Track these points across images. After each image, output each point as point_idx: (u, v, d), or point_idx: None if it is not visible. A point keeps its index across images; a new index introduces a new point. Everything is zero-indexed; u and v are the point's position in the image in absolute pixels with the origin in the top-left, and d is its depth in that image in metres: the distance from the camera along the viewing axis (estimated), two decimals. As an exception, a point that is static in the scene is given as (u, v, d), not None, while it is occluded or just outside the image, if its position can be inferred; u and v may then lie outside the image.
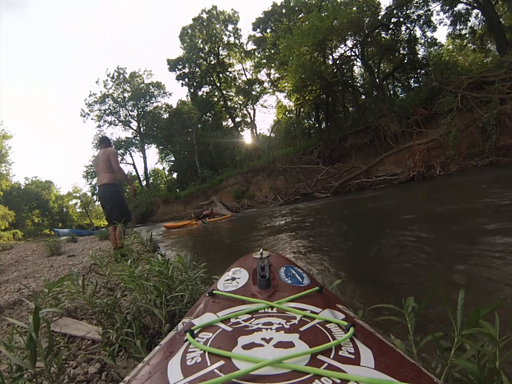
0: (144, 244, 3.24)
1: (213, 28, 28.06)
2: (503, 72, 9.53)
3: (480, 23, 16.58)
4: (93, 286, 1.30)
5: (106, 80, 32.91)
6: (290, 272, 0.61)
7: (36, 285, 2.47)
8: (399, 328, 1.09)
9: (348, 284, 1.89)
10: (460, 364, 0.48)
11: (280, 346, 0.34)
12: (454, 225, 2.92)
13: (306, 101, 17.95)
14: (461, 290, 0.55)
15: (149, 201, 26.42)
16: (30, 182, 44.35)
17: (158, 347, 0.41)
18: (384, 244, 2.79)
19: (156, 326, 1.16)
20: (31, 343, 0.67)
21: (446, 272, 1.83)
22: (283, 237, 4.01)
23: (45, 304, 1.36)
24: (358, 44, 15.95)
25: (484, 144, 9.10)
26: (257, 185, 19.08)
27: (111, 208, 3.35)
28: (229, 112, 29.50)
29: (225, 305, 0.48)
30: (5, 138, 28.48)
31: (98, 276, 2.23)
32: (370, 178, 11.98)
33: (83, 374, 0.99)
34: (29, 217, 40.92)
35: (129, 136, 35.02)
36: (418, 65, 16.96)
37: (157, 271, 1.27)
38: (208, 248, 4.78)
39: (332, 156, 15.41)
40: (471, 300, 1.36)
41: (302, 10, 21.37)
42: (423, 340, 0.61)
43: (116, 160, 3.39)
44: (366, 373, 0.29)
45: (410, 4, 15.41)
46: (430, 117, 11.55)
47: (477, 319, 0.48)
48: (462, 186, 6.28)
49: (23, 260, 4.96)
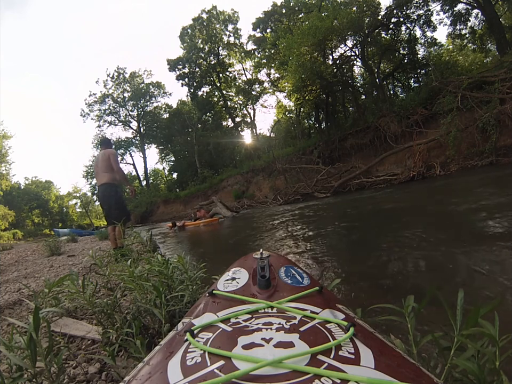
0: (144, 243, 3.24)
1: (213, 28, 28.06)
2: (503, 72, 9.53)
3: (480, 23, 16.59)
4: (93, 286, 1.29)
5: (106, 80, 32.98)
6: (290, 272, 0.61)
7: (35, 285, 2.48)
8: (399, 328, 1.09)
9: (348, 284, 1.89)
10: (460, 363, 0.48)
11: (280, 346, 0.34)
12: (454, 225, 2.92)
13: (306, 101, 17.96)
14: (460, 290, 0.55)
15: (149, 201, 26.46)
16: (30, 182, 44.34)
17: (158, 347, 0.41)
18: (383, 243, 2.79)
19: (156, 326, 1.16)
20: (31, 343, 0.67)
21: (446, 272, 1.83)
22: (283, 237, 4.01)
23: (45, 304, 1.37)
24: (358, 44, 15.95)
25: (484, 144, 9.09)
26: (257, 185, 19.08)
27: (110, 208, 3.37)
28: (229, 112, 29.50)
29: (225, 305, 0.48)
30: (5, 138, 28.51)
31: (98, 276, 2.23)
32: (370, 178, 11.97)
33: (83, 374, 0.99)
34: (29, 217, 40.93)
35: (129, 136, 35.10)
36: (418, 65, 16.96)
37: (157, 271, 1.27)
38: (208, 248, 4.78)
39: (332, 156, 15.41)
40: (470, 300, 1.36)
41: (302, 10, 21.37)
42: (423, 340, 0.61)
43: (116, 160, 3.41)
44: (366, 373, 0.29)
45: (410, 4, 15.41)
46: (430, 117, 11.55)
47: (476, 318, 0.48)
48: (462, 186, 6.28)
49: (23, 260, 4.96)
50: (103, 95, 32.85)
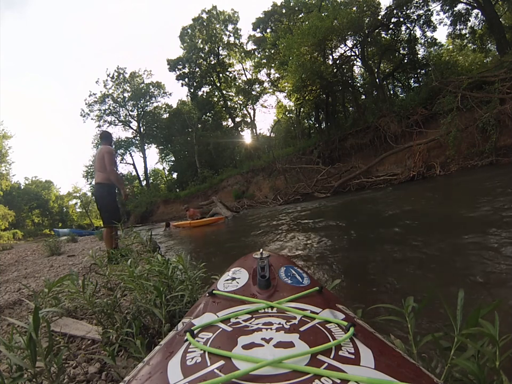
0: (144, 243, 3.24)
1: (213, 28, 28.06)
2: (503, 72, 9.53)
3: (480, 23, 16.60)
4: (93, 286, 1.29)
5: (106, 80, 32.97)
6: (290, 272, 0.61)
7: (35, 285, 2.47)
8: (399, 328, 1.09)
9: (348, 284, 1.89)
10: (460, 363, 0.48)
11: (280, 346, 0.34)
12: (454, 226, 2.92)
13: (306, 101, 17.96)
14: (460, 290, 0.55)
15: (149, 201, 26.45)
16: (30, 182, 44.34)
17: (158, 347, 0.41)
18: (383, 244, 2.79)
19: (156, 326, 1.16)
20: (31, 343, 0.67)
21: (446, 272, 1.83)
22: (283, 237, 4.01)
23: (45, 304, 1.37)
24: (358, 44, 15.96)
25: (484, 144, 9.09)
26: (257, 185, 19.08)
27: (101, 209, 3.31)
28: (229, 112, 29.50)
29: (225, 305, 0.48)
30: (5, 138, 28.52)
31: (98, 276, 2.23)
32: (370, 178, 11.97)
33: (83, 374, 0.99)
34: (29, 217, 40.94)
35: (129, 136, 35.08)
36: (418, 65, 16.97)
37: (157, 271, 1.27)
38: (208, 248, 4.78)
39: (332, 156, 15.42)
40: (470, 300, 1.36)
41: (302, 10, 21.37)
42: (423, 340, 0.60)
43: (110, 160, 3.22)
44: (366, 373, 0.29)
45: (410, 4, 15.41)
46: (430, 117, 11.55)
47: (476, 318, 0.48)
48: (461, 186, 6.28)
49: (23, 260, 4.96)
50: (103, 95, 32.86)
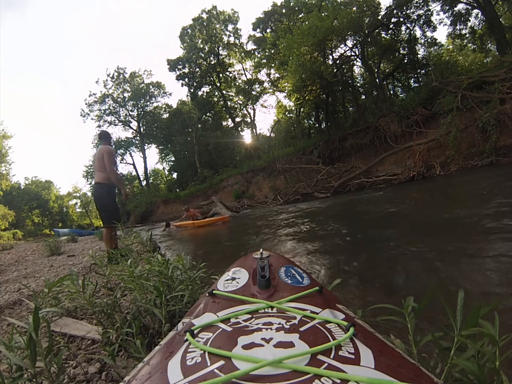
0: (144, 243, 3.24)
1: (213, 28, 28.06)
2: (503, 72, 9.53)
3: (480, 23, 16.60)
4: (93, 286, 1.29)
5: (106, 80, 32.95)
6: (290, 272, 0.61)
7: (35, 285, 2.47)
8: (399, 328, 1.09)
9: (348, 284, 1.89)
10: (460, 363, 0.48)
11: (280, 346, 0.34)
12: (454, 226, 2.92)
13: (306, 101, 17.96)
14: (460, 291, 0.55)
15: (149, 201, 26.44)
16: (30, 182, 44.34)
17: (158, 347, 0.41)
18: (383, 244, 2.79)
19: (156, 326, 1.16)
20: (31, 343, 0.67)
21: (446, 272, 1.83)
22: (283, 237, 4.01)
23: (45, 304, 1.37)
24: (358, 44, 15.96)
25: (484, 144, 9.09)
26: (257, 185, 19.08)
27: (101, 209, 3.31)
28: (229, 112, 29.50)
29: (225, 305, 0.48)
30: (5, 138, 28.54)
31: (98, 276, 2.23)
32: (370, 178, 11.97)
33: (83, 374, 0.99)
34: (29, 217, 40.94)
35: (129, 136, 35.06)
36: (418, 65, 16.97)
37: (157, 271, 1.27)
38: (208, 248, 4.78)
39: (332, 156, 15.42)
40: (470, 300, 1.36)
41: (302, 10, 21.37)
42: (423, 340, 0.60)
43: (109, 160, 3.21)
44: (366, 373, 0.29)
45: (410, 4, 15.42)
46: (430, 117, 11.55)
47: (476, 318, 0.48)
48: (461, 186, 6.28)
49: (23, 260, 4.96)
50: (103, 95, 32.84)
